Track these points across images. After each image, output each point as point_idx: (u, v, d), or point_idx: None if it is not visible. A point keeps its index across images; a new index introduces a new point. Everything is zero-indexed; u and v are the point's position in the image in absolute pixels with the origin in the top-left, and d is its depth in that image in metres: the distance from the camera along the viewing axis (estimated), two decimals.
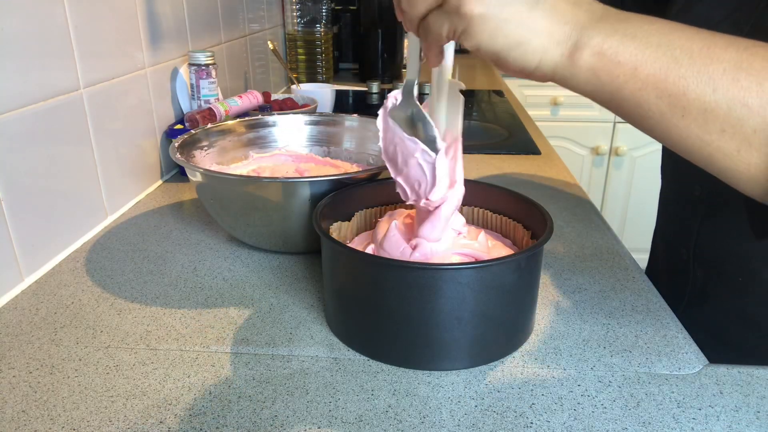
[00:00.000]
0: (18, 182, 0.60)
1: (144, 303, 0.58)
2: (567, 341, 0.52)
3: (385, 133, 0.49)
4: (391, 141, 0.49)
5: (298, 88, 1.25)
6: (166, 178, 0.93)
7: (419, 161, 0.47)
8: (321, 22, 1.56)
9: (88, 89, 0.72)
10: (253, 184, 0.63)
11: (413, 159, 0.47)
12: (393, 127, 0.48)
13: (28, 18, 0.61)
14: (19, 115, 0.60)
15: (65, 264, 0.66)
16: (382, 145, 0.50)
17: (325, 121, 0.85)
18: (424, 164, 0.47)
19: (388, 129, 0.49)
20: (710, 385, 0.47)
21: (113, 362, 0.49)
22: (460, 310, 0.46)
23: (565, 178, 0.94)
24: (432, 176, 0.47)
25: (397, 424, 0.43)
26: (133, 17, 0.83)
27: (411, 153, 0.47)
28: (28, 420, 0.43)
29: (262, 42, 1.44)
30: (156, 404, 0.44)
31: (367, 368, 0.49)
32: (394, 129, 0.48)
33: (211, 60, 0.95)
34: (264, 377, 0.48)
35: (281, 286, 0.62)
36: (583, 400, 0.45)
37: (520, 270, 0.48)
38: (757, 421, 0.43)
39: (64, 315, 0.56)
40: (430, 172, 0.47)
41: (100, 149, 0.75)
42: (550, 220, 0.52)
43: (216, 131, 0.78)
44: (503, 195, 0.60)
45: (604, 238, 0.72)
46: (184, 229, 0.75)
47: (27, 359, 0.50)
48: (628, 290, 0.61)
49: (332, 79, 1.65)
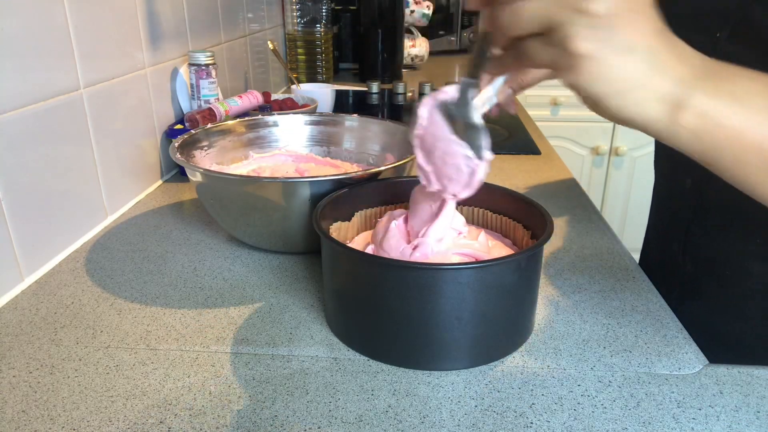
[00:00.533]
0: (18, 182, 0.60)
1: (144, 303, 0.58)
2: (567, 341, 0.52)
3: (429, 125, 0.47)
4: (432, 134, 0.47)
5: (298, 88, 1.25)
6: (166, 178, 0.93)
7: (461, 164, 0.45)
8: (321, 22, 1.56)
9: (88, 89, 0.72)
10: (253, 184, 0.63)
11: (454, 160, 0.45)
12: (440, 122, 0.46)
13: (28, 18, 0.61)
14: (19, 115, 0.60)
15: (65, 264, 0.66)
16: (418, 132, 0.48)
17: (325, 121, 0.85)
18: (465, 168, 0.45)
19: (433, 122, 0.46)
20: (710, 385, 0.47)
21: (113, 362, 0.49)
22: (460, 310, 0.46)
23: (565, 178, 0.94)
24: (469, 180, 0.46)
25: (397, 424, 0.43)
26: (133, 17, 0.83)
27: (454, 154, 0.45)
28: (28, 420, 0.43)
29: (262, 42, 1.44)
30: (156, 404, 0.44)
31: (367, 368, 0.49)
32: (440, 124, 0.45)
33: (211, 60, 0.95)
34: (264, 377, 0.48)
35: (281, 286, 0.62)
36: (583, 400, 0.45)
37: (520, 270, 0.48)
38: (757, 421, 0.43)
39: (64, 315, 0.56)
40: (468, 176, 0.46)
41: (100, 149, 0.75)
42: (550, 220, 0.52)
43: (216, 131, 0.78)
44: (503, 195, 0.60)
45: (604, 238, 0.72)
46: (184, 229, 0.75)
47: (27, 359, 0.50)
48: (628, 290, 0.60)
49: (332, 79, 1.65)
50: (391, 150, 0.79)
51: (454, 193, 0.48)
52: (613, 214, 2.19)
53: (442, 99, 0.45)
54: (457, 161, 0.45)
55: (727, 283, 0.64)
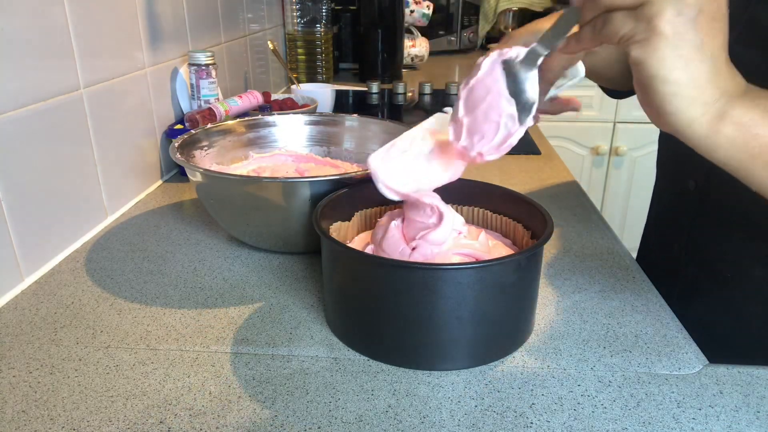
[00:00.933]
0: (18, 182, 0.60)
1: (144, 303, 0.58)
2: (567, 341, 0.52)
3: (485, 76, 0.46)
4: (486, 85, 0.46)
5: (298, 88, 1.25)
6: (166, 178, 0.93)
7: (501, 122, 0.45)
8: (321, 22, 1.56)
9: (88, 89, 0.72)
10: (253, 184, 0.63)
11: (497, 116, 0.45)
12: (499, 77, 0.45)
13: (28, 18, 0.61)
14: (19, 115, 0.60)
15: (65, 264, 0.66)
16: (472, 83, 0.47)
17: (325, 121, 0.85)
18: (503, 128, 0.45)
19: (492, 75, 0.46)
20: (710, 385, 0.47)
21: (113, 362, 0.49)
22: (460, 310, 0.46)
23: (565, 178, 0.94)
24: (502, 141, 0.46)
25: (397, 424, 0.43)
26: (133, 17, 0.83)
27: (500, 111, 0.45)
28: (28, 420, 0.43)
29: (262, 42, 1.44)
30: (156, 404, 0.44)
31: (367, 368, 0.49)
32: (499, 79, 0.45)
33: (211, 60, 0.95)
34: (264, 377, 0.48)
35: (281, 286, 0.62)
36: (583, 400, 0.45)
37: (520, 270, 0.48)
38: (757, 421, 0.43)
39: (64, 315, 0.56)
40: (503, 138, 0.45)
41: (100, 149, 0.75)
42: (550, 220, 0.52)
43: (216, 131, 0.78)
44: (503, 195, 0.60)
45: (604, 238, 0.72)
46: (184, 229, 0.75)
47: (27, 359, 0.50)
48: (628, 290, 0.60)
49: (332, 79, 1.65)
50: None
51: (480, 151, 0.47)
52: (613, 214, 2.18)
53: (508, 56, 0.45)
54: (499, 119, 0.45)
55: (728, 286, 0.64)
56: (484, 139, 0.46)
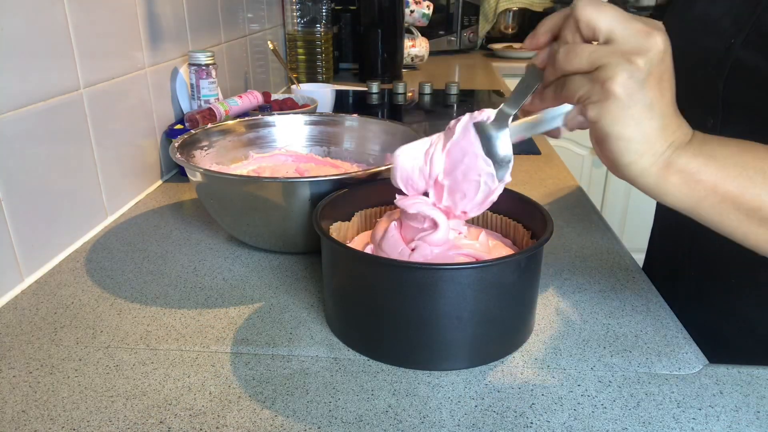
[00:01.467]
0: (18, 182, 0.60)
1: (144, 303, 0.58)
2: (567, 341, 0.52)
3: (460, 139, 0.49)
4: (462, 149, 0.48)
5: (298, 88, 1.25)
6: (166, 178, 0.93)
7: (481, 181, 0.47)
8: (321, 22, 1.56)
9: (88, 89, 0.72)
10: (253, 184, 0.63)
11: (476, 176, 0.47)
12: (473, 139, 0.48)
13: (28, 18, 0.61)
14: (19, 115, 0.60)
15: (65, 264, 0.66)
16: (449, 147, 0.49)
17: (325, 121, 0.85)
18: (483, 186, 0.47)
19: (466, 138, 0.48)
20: (710, 385, 0.47)
21: (113, 362, 0.49)
22: (460, 310, 0.46)
23: (565, 178, 0.94)
24: (484, 199, 0.48)
25: (397, 424, 0.43)
26: (133, 17, 0.83)
27: (478, 171, 0.47)
28: (28, 420, 0.43)
29: (262, 42, 1.44)
30: (156, 404, 0.44)
31: (367, 368, 0.49)
32: (473, 141, 0.48)
33: (211, 60, 0.95)
34: (264, 377, 0.48)
35: (281, 286, 0.62)
36: (583, 400, 0.45)
37: (521, 270, 0.48)
38: (757, 421, 0.43)
39: (64, 315, 0.56)
40: (484, 196, 0.48)
41: (100, 149, 0.75)
42: (550, 220, 0.52)
43: (216, 131, 0.78)
44: (503, 195, 0.60)
45: (604, 238, 0.72)
46: (184, 229, 0.75)
47: (27, 359, 0.50)
48: (628, 290, 0.61)
49: (332, 79, 1.65)
50: (391, 150, 0.79)
51: (464, 210, 0.49)
52: (613, 214, 2.18)
53: (480, 119, 0.48)
54: (479, 178, 0.47)
55: (732, 291, 0.63)
56: (465, 198, 0.49)
